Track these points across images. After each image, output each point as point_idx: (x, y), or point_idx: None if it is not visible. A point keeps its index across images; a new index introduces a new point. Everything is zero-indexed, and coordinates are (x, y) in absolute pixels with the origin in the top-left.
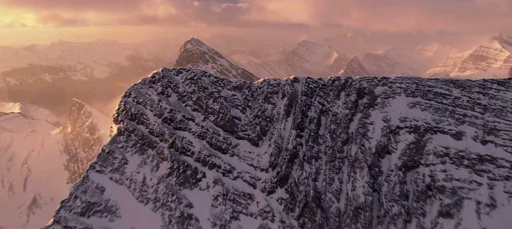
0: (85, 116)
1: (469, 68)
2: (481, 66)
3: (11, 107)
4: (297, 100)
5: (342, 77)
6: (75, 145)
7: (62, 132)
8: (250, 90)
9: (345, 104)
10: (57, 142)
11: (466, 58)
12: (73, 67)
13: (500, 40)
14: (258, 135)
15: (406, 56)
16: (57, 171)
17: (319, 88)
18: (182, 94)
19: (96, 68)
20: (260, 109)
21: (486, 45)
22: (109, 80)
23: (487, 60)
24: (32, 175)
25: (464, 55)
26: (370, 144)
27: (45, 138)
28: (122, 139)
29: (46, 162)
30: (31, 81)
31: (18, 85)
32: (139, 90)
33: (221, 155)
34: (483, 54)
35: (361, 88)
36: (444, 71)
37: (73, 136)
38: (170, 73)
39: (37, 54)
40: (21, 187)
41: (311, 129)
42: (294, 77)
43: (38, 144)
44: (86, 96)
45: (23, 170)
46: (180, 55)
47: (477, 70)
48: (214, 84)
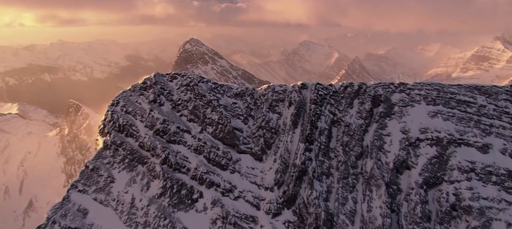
0: (82, 117)
1: (471, 69)
2: (484, 66)
3: (9, 108)
4: (306, 109)
5: (355, 83)
6: (72, 147)
7: (59, 133)
8: (253, 98)
9: (359, 113)
10: (54, 144)
11: (468, 59)
12: (73, 67)
13: (503, 41)
14: (262, 149)
15: (407, 56)
16: (54, 174)
17: (330, 96)
18: (177, 103)
19: (95, 68)
20: (264, 120)
21: (489, 45)
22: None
23: (490, 61)
24: (28, 177)
25: (466, 55)
26: (387, 158)
27: (42, 140)
28: (108, 153)
29: (43, 164)
30: (30, 81)
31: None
32: (128, 98)
33: (220, 171)
34: (486, 54)
35: (377, 95)
36: (445, 71)
37: (70, 138)
38: (163, 78)
39: (37, 54)
40: (17, 190)
41: (321, 142)
42: (302, 84)
43: (34, 146)
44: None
45: (19, 172)
46: (179, 55)
47: (480, 71)
48: (212, 91)
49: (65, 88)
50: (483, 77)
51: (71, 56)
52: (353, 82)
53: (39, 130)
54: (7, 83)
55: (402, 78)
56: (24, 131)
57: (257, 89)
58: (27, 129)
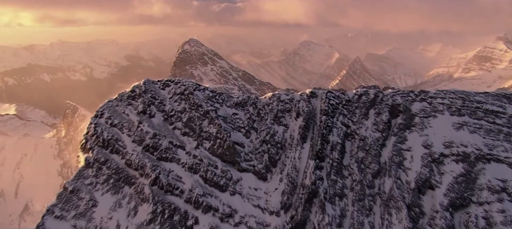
0: (79, 119)
1: (474, 69)
2: (486, 67)
3: (6, 109)
4: (316, 121)
5: (370, 91)
6: (69, 150)
7: (56, 135)
8: (256, 108)
9: (375, 125)
10: (50, 146)
11: (470, 59)
12: (72, 67)
13: (505, 41)
14: (266, 166)
15: (408, 56)
16: (50, 177)
17: (343, 105)
18: (169, 114)
19: (95, 68)
20: (269, 133)
21: (491, 45)
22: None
23: (492, 61)
24: (24, 180)
25: (467, 55)
26: (408, 177)
27: (38, 142)
28: (90, 172)
29: (39, 167)
30: (29, 82)
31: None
32: (114, 109)
33: (218, 193)
34: (488, 54)
35: (395, 105)
36: (447, 72)
37: (67, 140)
38: (154, 86)
39: (36, 54)
40: (13, 194)
41: (333, 158)
42: (311, 92)
43: (31, 148)
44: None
45: (15, 175)
46: (177, 56)
47: (482, 71)
48: (210, 100)
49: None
50: (485, 77)
51: (71, 56)
52: (368, 90)
53: (36, 131)
54: (6, 83)
55: (403, 79)
56: (21, 132)
57: (261, 98)
58: (24, 130)
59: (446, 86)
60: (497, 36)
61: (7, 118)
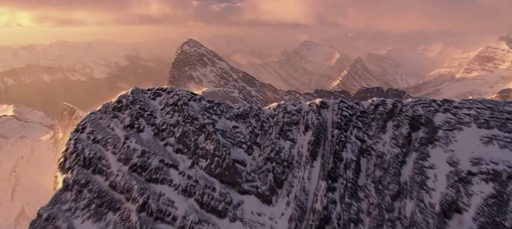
0: (76, 121)
1: (476, 70)
2: (488, 67)
3: (4, 110)
4: (327, 136)
5: (388, 101)
6: None
7: (53, 137)
8: (259, 120)
9: (394, 139)
10: (47, 149)
11: (472, 59)
12: (72, 67)
13: (507, 41)
14: (271, 188)
15: (409, 56)
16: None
17: (357, 117)
18: (161, 128)
19: (95, 69)
20: (274, 149)
21: (493, 45)
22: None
23: (494, 61)
24: (21, 184)
25: (469, 56)
26: (432, 199)
27: (35, 144)
28: (69, 196)
29: (36, 170)
30: (29, 82)
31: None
32: (97, 123)
33: (216, 220)
34: (490, 55)
35: (416, 116)
36: (449, 72)
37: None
38: (143, 96)
39: (36, 54)
40: (9, 197)
41: (347, 178)
42: (321, 101)
43: (27, 150)
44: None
45: (11, 178)
46: (176, 57)
47: (484, 72)
48: (206, 112)
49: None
50: (487, 78)
51: (70, 56)
52: (385, 99)
53: (34, 133)
54: (5, 83)
55: (405, 79)
56: (18, 134)
57: (264, 108)
58: (22, 132)
59: (448, 86)
60: (499, 36)
61: (5, 119)
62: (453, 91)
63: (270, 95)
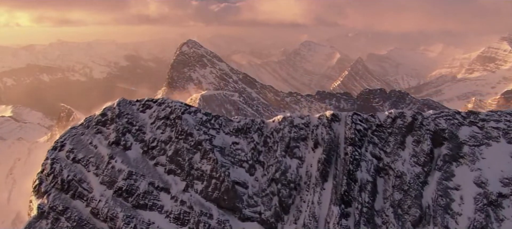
0: (74, 123)
1: (477, 70)
2: (490, 68)
3: (3, 110)
4: (339, 153)
5: (407, 113)
6: None
7: (50, 139)
8: (262, 135)
9: (414, 157)
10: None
11: (474, 59)
12: (72, 67)
13: (509, 41)
14: (276, 214)
15: (410, 56)
16: None
17: (373, 131)
18: (150, 145)
19: (94, 69)
20: (279, 169)
21: (495, 46)
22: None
23: (496, 62)
24: (17, 186)
25: (471, 56)
26: (459, 225)
27: (32, 146)
28: (44, 225)
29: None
30: (28, 82)
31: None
32: (78, 139)
33: None
34: (492, 55)
35: (438, 130)
36: (450, 72)
37: None
38: (131, 108)
39: (36, 54)
40: (5, 200)
41: (363, 202)
42: (333, 114)
43: (24, 152)
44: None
45: (8, 181)
46: (175, 58)
47: (486, 72)
48: (203, 126)
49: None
50: (489, 78)
51: (70, 56)
52: (404, 111)
53: (32, 134)
54: (5, 83)
55: (406, 79)
56: (16, 135)
57: (268, 121)
58: (20, 133)
59: (449, 87)
60: (501, 37)
61: (3, 120)
62: (454, 92)
63: (270, 97)
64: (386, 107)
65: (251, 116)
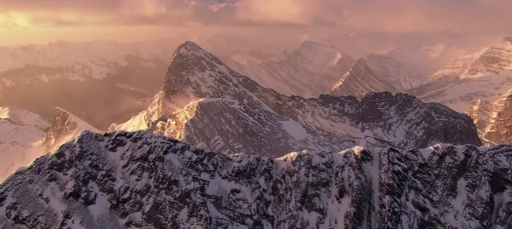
0: (69, 127)
1: (480, 70)
2: (493, 68)
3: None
4: (372, 203)
5: (457, 148)
6: None
7: (45, 143)
8: (271, 179)
9: (469, 207)
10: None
11: (477, 60)
12: (71, 67)
13: None
14: None
15: (411, 57)
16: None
17: (414, 173)
18: (121, 198)
19: (94, 69)
20: (294, 225)
21: (498, 46)
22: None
23: (500, 62)
24: None
25: (473, 56)
26: None
27: (26, 151)
28: None
29: None
30: (27, 83)
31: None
32: (24, 189)
33: None
34: (495, 55)
35: (499, 170)
36: (453, 73)
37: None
38: (97, 145)
39: (35, 55)
40: None
41: None
42: (363, 152)
43: (18, 157)
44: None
45: None
46: (173, 61)
47: (489, 73)
48: (192, 168)
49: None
50: (493, 79)
51: (69, 57)
52: (454, 146)
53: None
54: (3, 84)
55: (408, 80)
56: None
57: (278, 160)
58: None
59: (452, 88)
60: (505, 37)
61: None
62: (457, 93)
63: (272, 101)
64: (392, 112)
65: (253, 125)
